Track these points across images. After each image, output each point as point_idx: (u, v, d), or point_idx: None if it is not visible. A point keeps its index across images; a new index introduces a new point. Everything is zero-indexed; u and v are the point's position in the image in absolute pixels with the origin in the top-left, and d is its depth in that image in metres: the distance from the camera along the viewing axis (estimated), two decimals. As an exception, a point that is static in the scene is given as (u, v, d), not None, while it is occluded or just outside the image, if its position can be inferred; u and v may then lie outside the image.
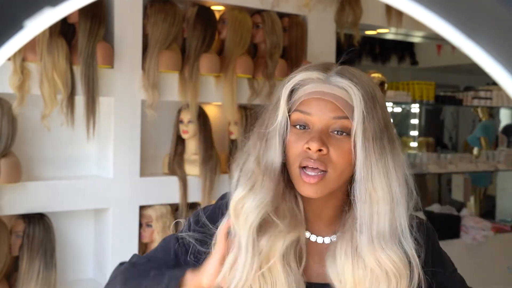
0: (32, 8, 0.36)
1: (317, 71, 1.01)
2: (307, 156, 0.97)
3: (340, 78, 0.99)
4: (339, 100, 0.97)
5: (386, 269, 0.96)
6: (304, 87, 1.00)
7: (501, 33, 0.33)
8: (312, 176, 0.97)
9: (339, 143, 0.97)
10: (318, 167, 0.96)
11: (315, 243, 1.06)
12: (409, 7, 0.35)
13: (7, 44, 0.37)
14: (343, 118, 0.97)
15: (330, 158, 0.97)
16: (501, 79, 0.35)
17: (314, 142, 0.96)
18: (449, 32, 0.34)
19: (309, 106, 0.99)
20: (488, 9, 0.33)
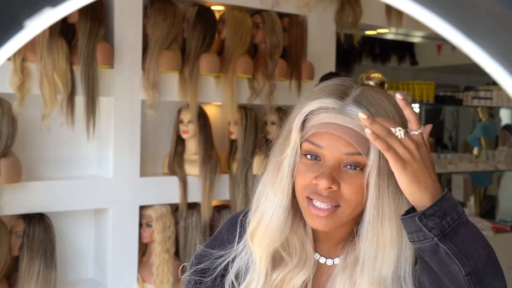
0: (32, 8, 0.36)
1: (333, 98, 0.93)
2: (316, 191, 0.92)
3: (357, 106, 0.91)
4: (352, 135, 0.90)
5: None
6: (318, 117, 0.94)
7: (501, 33, 0.33)
8: (322, 209, 0.92)
9: (352, 179, 0.91)
10: (328, 203, 0.92)
11: (324, 265, 1.03)
12: (409, 7, 0.35)
13: (7, 44, 0.37)
14: (356, 154, 0.91)
15: (341, 194, 0.92)
16: (501, 79, 0.35)
17: (323, 179, 0.90)
18: (449, 32, 0.34)
19: (321, 139, 0.92)
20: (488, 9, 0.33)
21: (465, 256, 0.81)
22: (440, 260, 0.82)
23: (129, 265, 2.71)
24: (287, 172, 0.96)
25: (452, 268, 0.81)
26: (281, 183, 0.97)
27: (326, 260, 1.03)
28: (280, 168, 0.97)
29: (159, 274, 2.73)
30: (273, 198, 0.98)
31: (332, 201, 0.92)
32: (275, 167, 0.98)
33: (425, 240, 0.82)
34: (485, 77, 5.79)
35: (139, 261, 2.77)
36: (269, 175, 0.99)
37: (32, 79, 2.41)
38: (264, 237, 0.98)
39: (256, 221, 1.00)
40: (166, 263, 2.74)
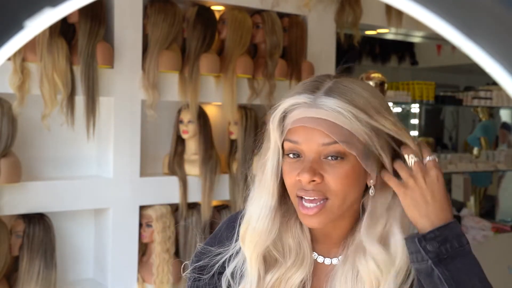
0: (32, 8, 0.36)
1: (305, 94, 0.93)
2: (302, 187, 0.93)
3: (328, 98, 0.91)
4: (325, 125, 0.90)
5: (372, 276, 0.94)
6: (291, 114, 0.95)
7: (501, 33, 0.33)
8: (311, 208, 0.92)
9: (334, 169, 0.91)
10: (315, 197, 0.92)
11: (322, 265, 1.03)
12: (409, 7, 0.35)
13: (7, 44, 0.37)
14: (333, 143, 0.91)
15: (327, 185, 0.92)
16: (501, 79, 0.35)
17: (304, 173, 0.91)
18: (449, 32, 0.34)
19: (296, 134, 0.93)
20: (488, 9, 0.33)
21: (457, 284, 0.84)
22: (433, 284, 0.85)
23: (129, 265, 2.71)
24: (270, 173, 0.98)
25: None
26: (265, 185, 0.98)
27: (324, 259, 1.03)
28: (264, 170, 0.99)
29: (159, 274, 2.73)
30: (259, 200, 0.99)
31: (319, 194, 0.92)
32: (260, 170, 1.00)
33: (422, 262, 0.85)
34: (485, 77, 5.79)
35: (139, 261, 2.77)
36: (257, 178, 1.01)
37: (32, 79, 2.41)
38: (252, 239, 0.99)
39: (245, 225, 1.01)
40: (166, 263, 2.74)
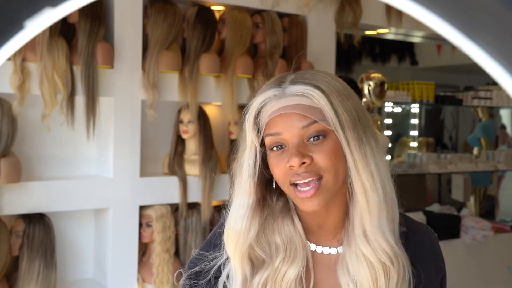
0: (32, 8, 0.36)
1: (272, 88, 0.98)
2: (294, 173, 0.94)
3: (295, 85, 0.96)
4: (300, 108, 0.94)
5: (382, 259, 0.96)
6: (265, 109, 0.98)
7: (501, 33, 0.33)
8: (308, 190, 0.94)
9: (319, 148, 0.95)
10: (310, 178, 0.94)
11: (322, 255, 1.04)
12: (409, 7, 0.35)
13: (7, 44, 0.37)
14: (312, 123, 0.94)
15: (317, 164, 0.94)
16: (501, 79, 0.35)
17: (293, 158, 0.93)
18: (449, 32, 0.34)
19: (275, 126, 0.96)
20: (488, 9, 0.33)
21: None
22: None
23: (129, 265, 2.71)
24: (247, 172, 0.99)
25: None
26: (243, 185, 0.99)
27: (323, 248, 1.04)
28: (241, 171, 1.00)
29: (159, 274, 2.73)
30: (235, 201, 1.00)
31: (312, 174, 0.94)
32: (238, 171, 1.01)
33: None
34: (485, 77, 5.80)
35: (139, 261, 2.77)
36: (236, 181, 1.02)
37: (32, 79, 2.41)
38: (232, 239, 1.00)
39: (226, 226, 1.02)
40: (166, 263, 2.74)
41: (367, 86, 3.58)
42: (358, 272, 0.97)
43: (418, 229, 1.06)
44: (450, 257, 3.88)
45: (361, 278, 0.97)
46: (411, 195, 4.78)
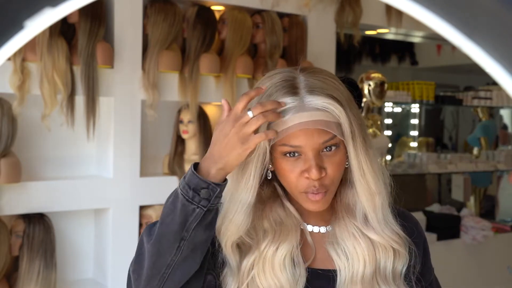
0: (32, 8, 0.36)
1: (287, 96, 0.99)
2: (310, 184, 0.99)
3: (313, 96, 0.98)
4: (323, 124, 0.98)
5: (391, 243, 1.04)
6: (283, 119, 0.98)
7: (501, 33, 0.33)
8: (317, 194, 1.00)
9: (332, 159, 1.00)
10: (320, 191, 1.00)
11: (312, 233, 1.10)
12: (409, 7, 0.35)
13: (7, 44, 0.37)
14: (331, 139, 0.99)
15: (328, 176, 1.01)
16: (501, 79, 0.35)
17: (313, 170, 0.98)
18: (449, 32, 0.34)
19: (296, 139, 0.98)
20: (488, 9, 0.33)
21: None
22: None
23: (129, 265, 2.71)
24: (253, 174, 1.01)
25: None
26: (247, 184, 1.01)
27: (313, 227, 1.10)
28: (245, 170, 1.01)
29: (159, 274, 2.73)
30: (238, 197, 1.02)
31: (323, 188, 1.00)
32: (239, 169, 1.02)
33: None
34: (485, 77, 5.80)
35: (139, 261, 2.77)
36: (233, 177, 1.02)
37: (32, 79, 2.41)
38: (226, 229, 1.02)
39: (221, 218, 1.03)
40: (166, 263, 2.74)
41: (367, 86, 3.58)
42: (351, 246, 1.04)
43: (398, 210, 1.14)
44: (450, 257, 3.88)
45: (353, 252, 1.04)
46: (411, 195, 4.78)
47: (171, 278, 0.96)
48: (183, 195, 0.93)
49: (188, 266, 0.97)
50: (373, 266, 1.03)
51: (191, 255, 0.96)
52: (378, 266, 1.04)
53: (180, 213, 0.93)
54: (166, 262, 0.95)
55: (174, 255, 0.94)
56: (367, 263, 1.03)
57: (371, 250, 1.03)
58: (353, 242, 1.04)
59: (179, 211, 0.93)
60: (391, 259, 1.04)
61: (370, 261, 1.03)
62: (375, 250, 1.04)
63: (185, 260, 0.95)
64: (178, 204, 0.93)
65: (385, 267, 1.04)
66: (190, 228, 0.93)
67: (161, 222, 0.95)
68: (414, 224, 1.13)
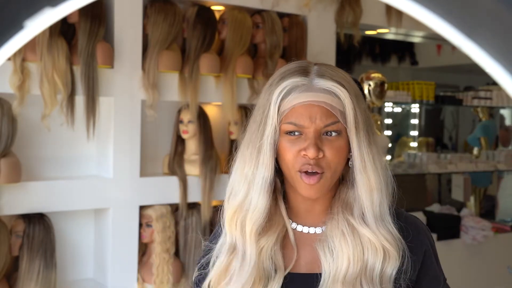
0: (32, 8, 0.36)
1: (298, 76, 1.02)
2: (306, 162, 1.00)
3: (322, 79, 1.01)
4: (327, 105, 1.00)
5: (382, 244, 1.02)
6: (290, 97, 1.01)
7: (501, 33, 0.33)
8: (312, 176, 1.01)
9: (332, 144, 1.01)
10: (317, 170, 1.00)
11: (303, 234, 1.10)
12: (409, 7, 0.35)
13: (7, 44, 0.37)
14: (334, 123, 1.01)
15: (326, 159, 1.01)
16: (501, 79, 0.35)
17: (311, 149, 0.99)
18: (449, 32, 0.34)
19: (300, 117, 1.00)
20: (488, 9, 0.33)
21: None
22: None
23: (129, 265, 2.72)
24: (269, 153, 1.03)
25: None
26: (264, 163, 1.03)
27: (309, 228, 1.10)
28: (261, 151, 1.03)
29: (159, 274, 2.73)
30: (259, 179, 1.04)
31: (319, 168, 1.00)
32: (255, 152, 1.04)
33: None
34: (485, 77, 5.80)
35: (139, 261, 2.77)
36: (246, 161, 1.05)
37: (32, 79, 2.41)
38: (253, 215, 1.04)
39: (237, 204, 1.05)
40: (166, 263, 2.74)
41: (367, 86, 3.58)
42: (339, 245, 1.03)
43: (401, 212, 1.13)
44: (450, 257, 3.88)
45: (339, 250, 1.03)
46: (411, 195, 4.78)
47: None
48: None
49: None
50: (359, 266, 1.02)
51: None
52: (365, 266, 1.02)
53: None
54: None
55: None
56: (351, 262, 1.02)
57: (358, 249, 1.02)
58: (340, 240, 1.03)
59: None
60: (380, 260, 1.02)
61: (355, 260, 1.02)
62: (364, 249, 1.02)
63: None
64: None
65: (373, 268, 1.02)
66: None
67: None
68: (416, 229, 1.09)
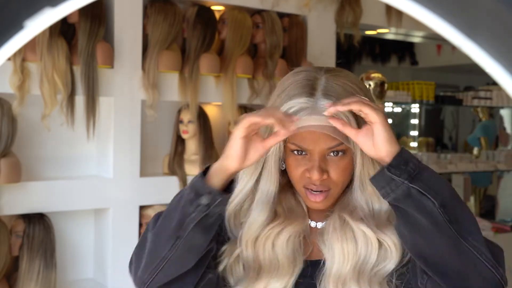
0: (32, 8, 0.36)
1: (304, 97, 1.00)
2: (311, 181, 1.03)
3: (327, 101, 0.99)
4: (330, 130, 0.98)
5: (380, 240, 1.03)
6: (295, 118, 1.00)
7: (501, 33, 0.33)
8: (318, 194, 1.04)
9: (337, 164, 1.03)
10: (322, 189, 1.03)
11: (314, 228, 1.13)
12: (409, 7, 0.35)
13: (7, 44, 0.37)
14: (337, 145, 1.01)
15: (331, 179, 1.03)
16: (501, 79, 0.35)
17: (314, 172, 1.01)
18: (449, 32, 0.34)
19: (303, 140, 1.02)
20: (488, 9, 0.33)
21: (434, 191, 0.89)
22: (414, 202, 0.90)
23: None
24: (274, 169, 1.07)
25: (426, 204, 0.89)
26: (270, 176, 1.07)
27: (316, 223, 1.12)
28: (266, 166, 1.07)
29: (159, 274, 2.73)
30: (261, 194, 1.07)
31: (324, 187, 1.03)
32: (259, 166, 1.07)
33: (397, 188, 0.90)
34: (485, 77, 5.79)
35: (139, 261, 2.77)
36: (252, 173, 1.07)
37: (32, 79, 2.41)
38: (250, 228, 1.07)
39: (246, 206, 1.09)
40: (166, 263, 2.74)
41: (367, 86, 3.58)
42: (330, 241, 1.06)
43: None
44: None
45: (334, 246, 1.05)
46: (411, 195, 4.77)
47: (164, 271, 0.98)
48: (186, 195, 0.95)
49: (181, 264, 0.98)
50: (354, 263, 1.03)
51: (186, 255, 0.97)
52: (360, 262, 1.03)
53: (180, 212, 0.95)
54: (161, 255, 0.97)
55: (169, 251, 0.96)
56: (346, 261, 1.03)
57: (352, 245, 1.03)
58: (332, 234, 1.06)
59: (180, 209, 0.95)
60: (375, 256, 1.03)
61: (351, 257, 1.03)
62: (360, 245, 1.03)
63: (180, 258, 0.97)
64: (181, 202, 0.96)
65: (370, 266, 1.03)
66: (187, 229, 0.94)
67: (164, 216, 1.00)
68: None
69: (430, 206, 0.88)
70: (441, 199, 0.89)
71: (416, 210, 0.90)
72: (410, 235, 0.94)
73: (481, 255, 0.89)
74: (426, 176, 0.90)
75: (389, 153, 0.91)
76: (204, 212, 0.93)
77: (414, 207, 0.90)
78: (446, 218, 0.88)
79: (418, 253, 0.95)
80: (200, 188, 0.94)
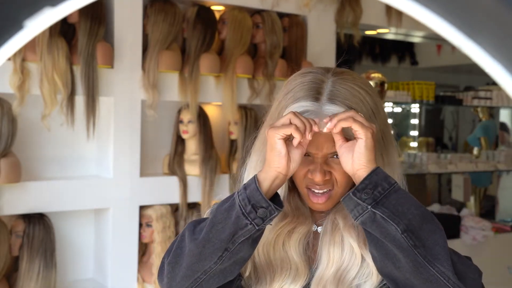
0: (32, 8, 0.36)
1: (309, 100, 1.00)
2: (313, 182, 1.02)
3: (334, 106, 0.99)
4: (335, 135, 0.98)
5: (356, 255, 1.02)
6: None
7: (501, 33, 0.33)
8: (320, 196, 1.03)
9: (340, 166, 1.01)
10: (324, 190, 1.03)
11: (315, 232, 1.13)
12: (409, 7, 0.35)
13: (7, 44, 0.37)
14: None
15: (334, 179, 1.02)
16: (501, 79, 0.35)
17: (317, 173, 1.00)
18: (449, 32, 0.34)
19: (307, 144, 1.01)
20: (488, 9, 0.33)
21: (398, 216, 0.89)
22: (379, 227, 0.90)
23: (129, 265, 2.71)
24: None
25: (390, 230, 0.89)
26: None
27: (317, 227, 1.12)
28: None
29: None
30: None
31: (327, 187, 1.03)
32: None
33: (364, 212, 0.90)
34: (485, 77, 5.80)
35: (139, 261, 2.77)
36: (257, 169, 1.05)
37: (32, 79, 2.41)
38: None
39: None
40: (166, 263, 2.74)
41: (367, 86, 3.58)
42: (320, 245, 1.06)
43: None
44: (450, 257, 3.88)
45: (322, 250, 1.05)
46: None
47: (203, 284, 0.96)
48: (240, 207, 0.92)
49: (224, 276, 0.97)
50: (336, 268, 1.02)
51: (230, 268, 0.96)
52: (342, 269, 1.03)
53: (232, 224, 0.92)
54: (204, 267, 0.94)
55: (214, 263, 0.94)
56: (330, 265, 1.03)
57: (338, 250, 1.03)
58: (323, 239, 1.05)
59: (233, 221, 0.92)
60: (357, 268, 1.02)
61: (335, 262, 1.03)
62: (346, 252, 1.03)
63: (223, 271, 0.95)
64: (233, 214, 0.92)
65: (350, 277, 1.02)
66: (236, 241, 0.92)
67: (211, 226, 0.94)
68: None
69: (394, 231, 0.88)
70: (406, 224, 0.88)
71: (381, 235, 0.90)
72: (379, 257, 0.94)
73: (448, 280, 0.89)
74: (392, 201, 0.89)
75: (362, 173, 0.92)
76: (259, 225, 0.92)
77: (379, 232, 0.90)
78: (410, 243, 0.88)
79: (387, 275, 0.95)
80: (259, 201, 0.92)
